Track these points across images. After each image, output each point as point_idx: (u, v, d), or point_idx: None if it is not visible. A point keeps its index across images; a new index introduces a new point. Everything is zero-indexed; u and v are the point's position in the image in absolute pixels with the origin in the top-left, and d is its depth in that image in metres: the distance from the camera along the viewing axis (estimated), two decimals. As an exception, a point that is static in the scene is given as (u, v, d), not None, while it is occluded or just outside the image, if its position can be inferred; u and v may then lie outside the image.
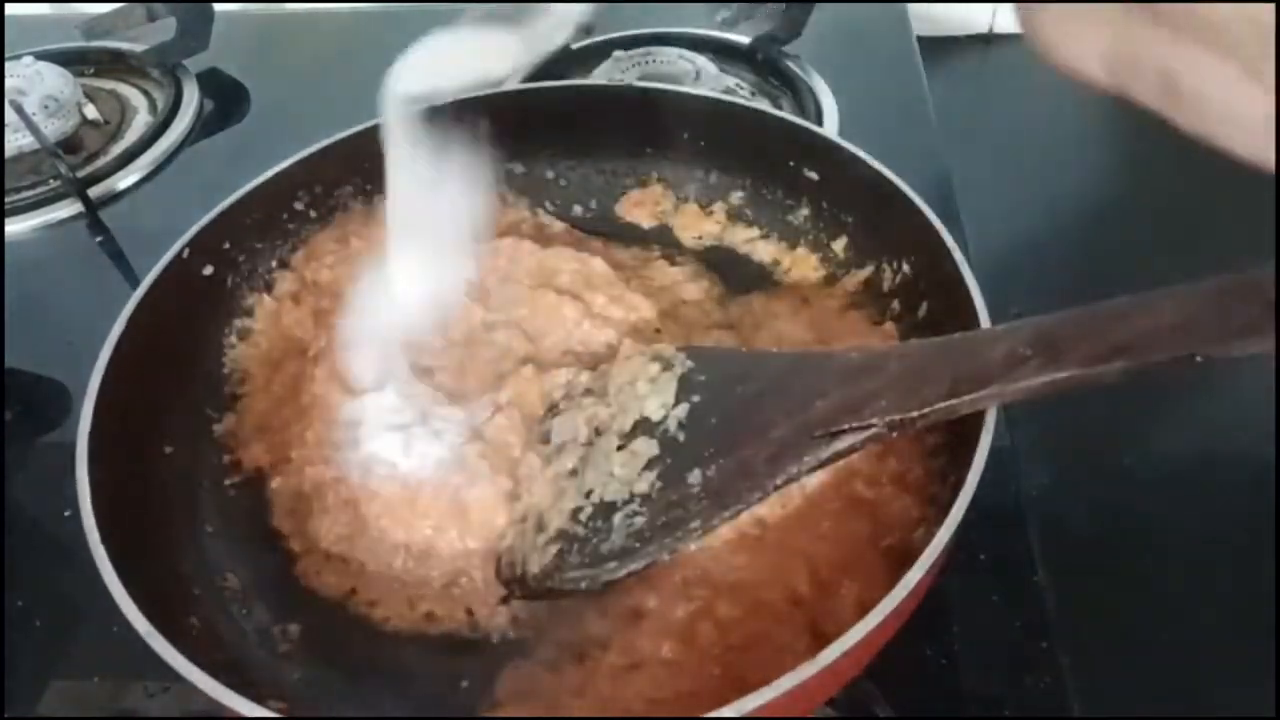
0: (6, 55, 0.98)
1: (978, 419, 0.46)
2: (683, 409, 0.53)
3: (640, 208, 0.74)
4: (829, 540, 0.52)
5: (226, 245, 0.66)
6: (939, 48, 1.07)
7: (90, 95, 0.98)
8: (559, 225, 0.75)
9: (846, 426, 0.46)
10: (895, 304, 0.63)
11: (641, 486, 0.51)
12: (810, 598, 0.50)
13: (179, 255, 0.62)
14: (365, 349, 0.62)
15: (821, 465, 0.47)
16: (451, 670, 0.52)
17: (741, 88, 0.94)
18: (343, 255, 0.70)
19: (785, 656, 0.45)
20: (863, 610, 0.41)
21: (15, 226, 0.86)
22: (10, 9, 1.08)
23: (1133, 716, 0.56)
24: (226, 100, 1.01)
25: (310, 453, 0.59)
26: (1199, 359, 0.38)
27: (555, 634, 0.52)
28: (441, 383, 0.60)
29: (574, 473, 0.54)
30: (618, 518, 0.50)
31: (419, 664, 0.53)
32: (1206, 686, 0.58)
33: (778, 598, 0.50)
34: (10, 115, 0.89)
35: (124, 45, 1.03)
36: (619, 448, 0.53)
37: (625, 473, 0.52)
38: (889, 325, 0.63)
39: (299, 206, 0.70)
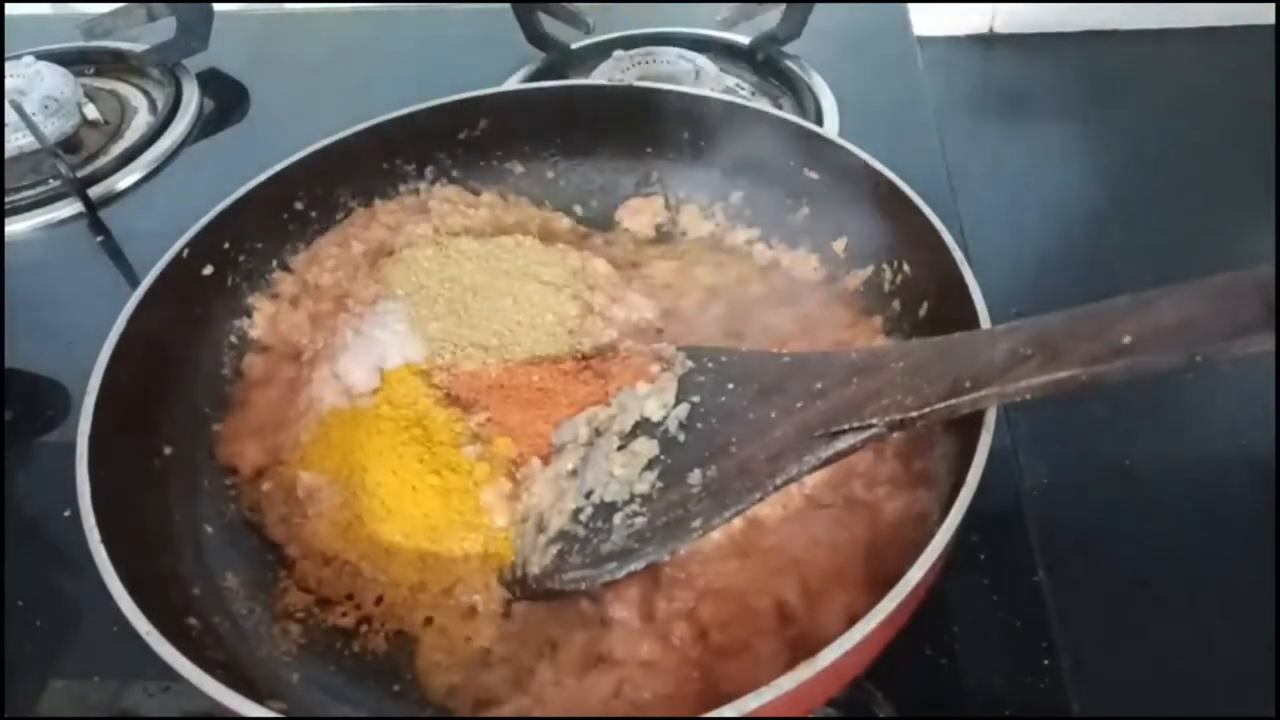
0: (6, 55, 0.98)
1: (978, 419, 0.46)
2: (683, 409, 0.53)
3: (639, 215, 0.74)
4: (824, 546, 0.52)
5: (226, 245, 0.66)
6: (939, 48, 1.07)
7: (90, 95, 0.98)
8: (560, 224, 0.75)
9: (847, 426, 0.46)
10: (895, 304, 0.63)
11: (642, 487, 0.51)
12: (799, 610, 0.50)
13: (179, 255, 0.62)
14: (362, 352, 0.62)
15: (822, 465, 0.47)
16: (452, 672, 0.52)
17: (741, 88, 0.94)
18: (343, 259, 0.70)
19: (764, 669, 0.46)
20: (853, 622, 0.41)
21: (15, 226, 0.86)
22: (10, 9, 1.08)
23: (1133, 716, 0.56)
24: (226, 100, 1.01)
25: (306, 456, 0.59)
26: (1199, 359, 0.38)
27: (547, 632, 0.52)
28: (440, 383, 0.60)
29: (574, 473, 0.54)
30: (618, 518, 0.50)
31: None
32: (1206, 686, 0.58)
33: (765, 606, 0.50)
34: (10, 115, 0.89)
35: (124, 45, 1.03)
36: (619, 448, 0.53)
37: (625, 473, 0.52)
38: (876, 319, 0.63)
39: (299, 206, 0.71)
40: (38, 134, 0.88)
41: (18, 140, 0.90)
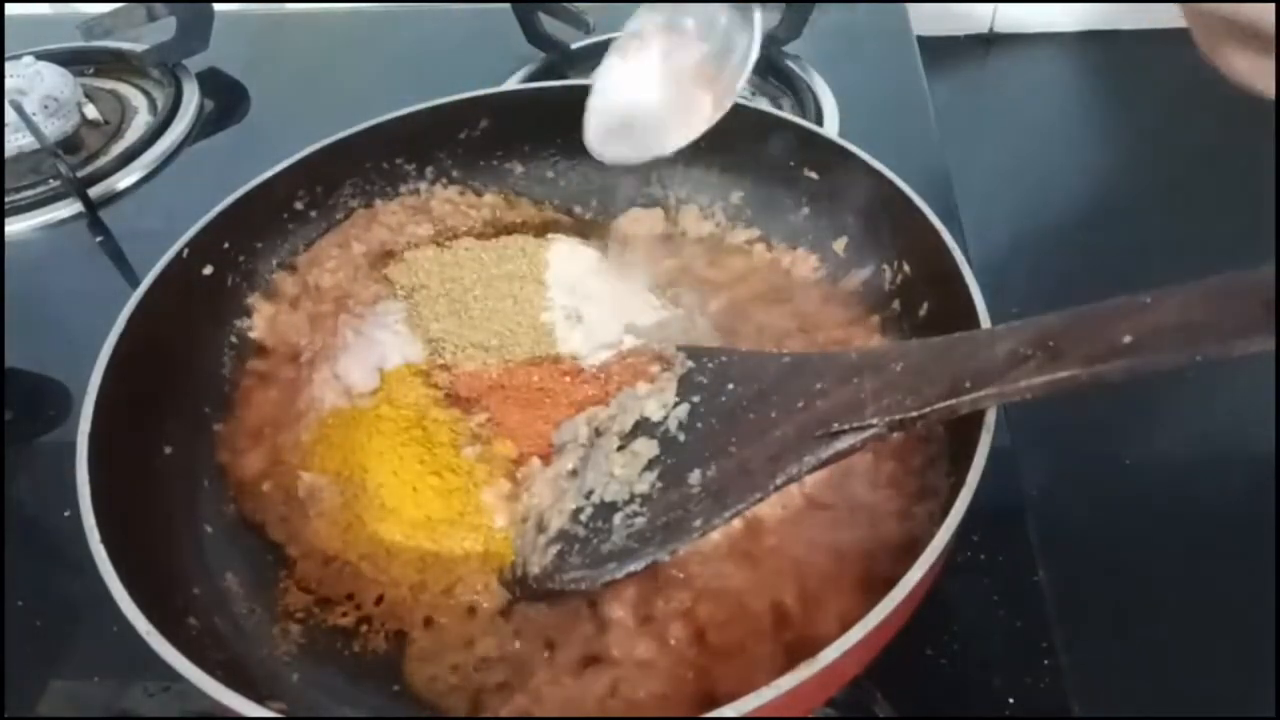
0: (6, 55, 0.98)
1: (978, 419, 0.46)
2: (683, 409, 0.53)
3: (639, 224, 0.74)
4: (823, 548, 0.52)
5: (226, 245, 0.66)
6: (939, 48, 1.07)
7: (90, 95, 0.98)
8: (561, 224, 0.74)
9: (847, 426, 0.46)
10: (895, 304, 0.63)
11: (642, 487, 0.51)
12: (796, 613, 0.50)
13: (179, 255, 0.62)
14: (362, 352, 0.62)
15: (822, 465, 0.47)
16: (450, 672, 0.52)
17: (742, 87, 0.94)
18: (344, 259, 0.70)
19: (759, 672, 0.46)
20: (849, 630, 0.41)
21: (15, 226, 0.86)
22: (10, 9, 1.08)
23: (1133, 716, 0.56)
24: (226, 100, 1.01)
25: (306, 456, 0.59)
26: (1199, 359, 0.38)
27: (545, 632, 0.52)
28: (440, 383, 0.60)
29: (574, 473, 0.54)
30: (618, 518, 0.50)
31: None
32: (1206, 686, 0.58)
33: (763, 608, 0.50)
34: (10, 115, 0.89)
35: (124, 45, 1.03)
36: (619, 448, 0.53)
37: (625, 473, 0.52)
38: (876, 319, 0.64)
39: (299, 206, 0.71)
40: (38, 134, 0.88)
41: (18, 140, 0.90)
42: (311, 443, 0.59)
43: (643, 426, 0.54)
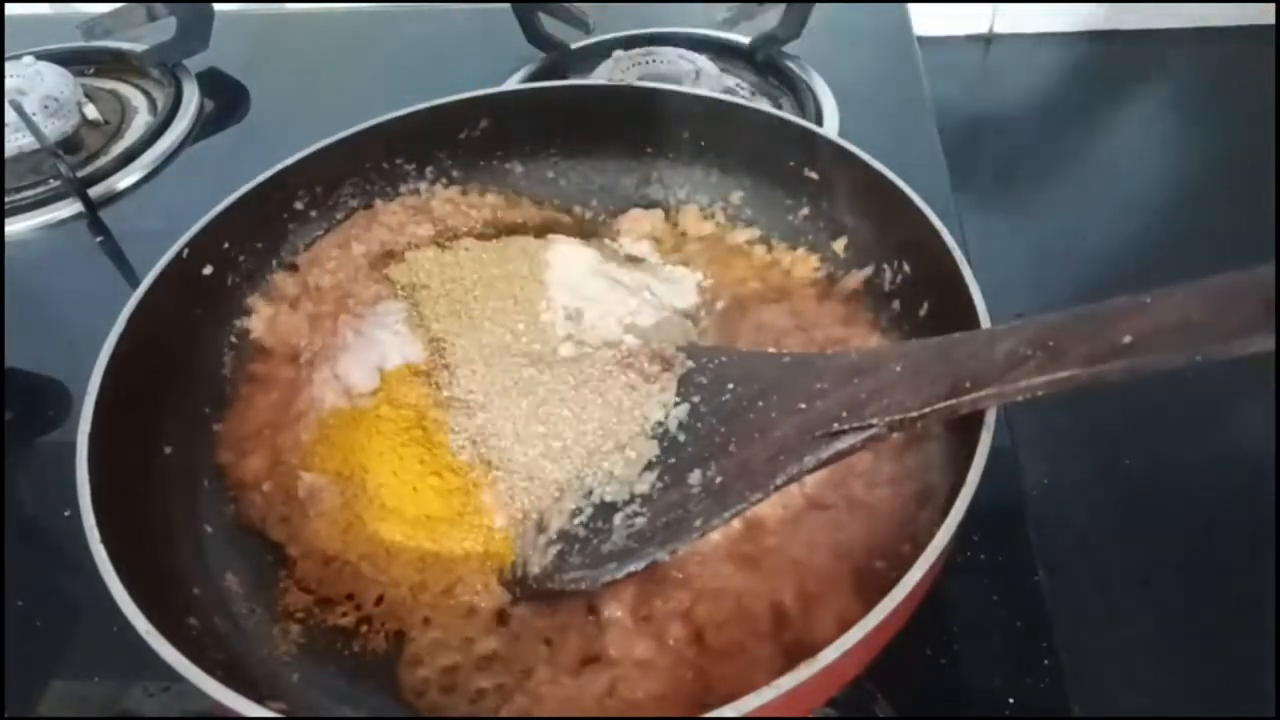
0: (6, 55, 0.98)
1: (978, 419, 0.46)
2: (683, 409, 0.54)
3: (640, 224, 0.74)
4: (823, 549, 0.52)
5: (226, 245, 0.66)
6: (939, 48, 1.07)
7: (90, 95, 0.98)
8: (561, 224, 0.74)
9: (847, 426, 0.46)
10: (895, 304, 0.63)
11: (642, 487, 0.51)
12: (794, 613, 0.50)
13: (179, 255, 0.62)
14: (362, 352, 0.62)
15: (822, 465, 0.47)
16: (450, 672, 0.52)
17: (741, 88, 0.94)
18: (344, 260, 0.70)
19: (758, 672, 0.46)
20: (849, 629, 0.41)
21: (15, 226, 0.86)
22: (10, 9, 1.08)
23: (1133, 716, 0.56)
24: (226, 100, 1.01)
25: (306, 456, 0.59)
26: (1199, 359, 0.38)
27: (545, 632, 0.52)
28: (440, 383, 0.60)
29: (574, 473, 0.54)
30: (618, 518, 0.50)
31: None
32: (1207, 687, 0.58)
33: (762, 609, 0.50)
34: (10, 115, 0.89)
35: (124, 45, 1.03)
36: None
37: (625, 473, 0.52)
38: (876, 319, 0.64)
39: (299, 206, 0.71)
40: (38, 134, 0.88)
41: (18, 140, 0.90)
42: (312, 443, 0.59)
43: (643, 426, 0.54)
